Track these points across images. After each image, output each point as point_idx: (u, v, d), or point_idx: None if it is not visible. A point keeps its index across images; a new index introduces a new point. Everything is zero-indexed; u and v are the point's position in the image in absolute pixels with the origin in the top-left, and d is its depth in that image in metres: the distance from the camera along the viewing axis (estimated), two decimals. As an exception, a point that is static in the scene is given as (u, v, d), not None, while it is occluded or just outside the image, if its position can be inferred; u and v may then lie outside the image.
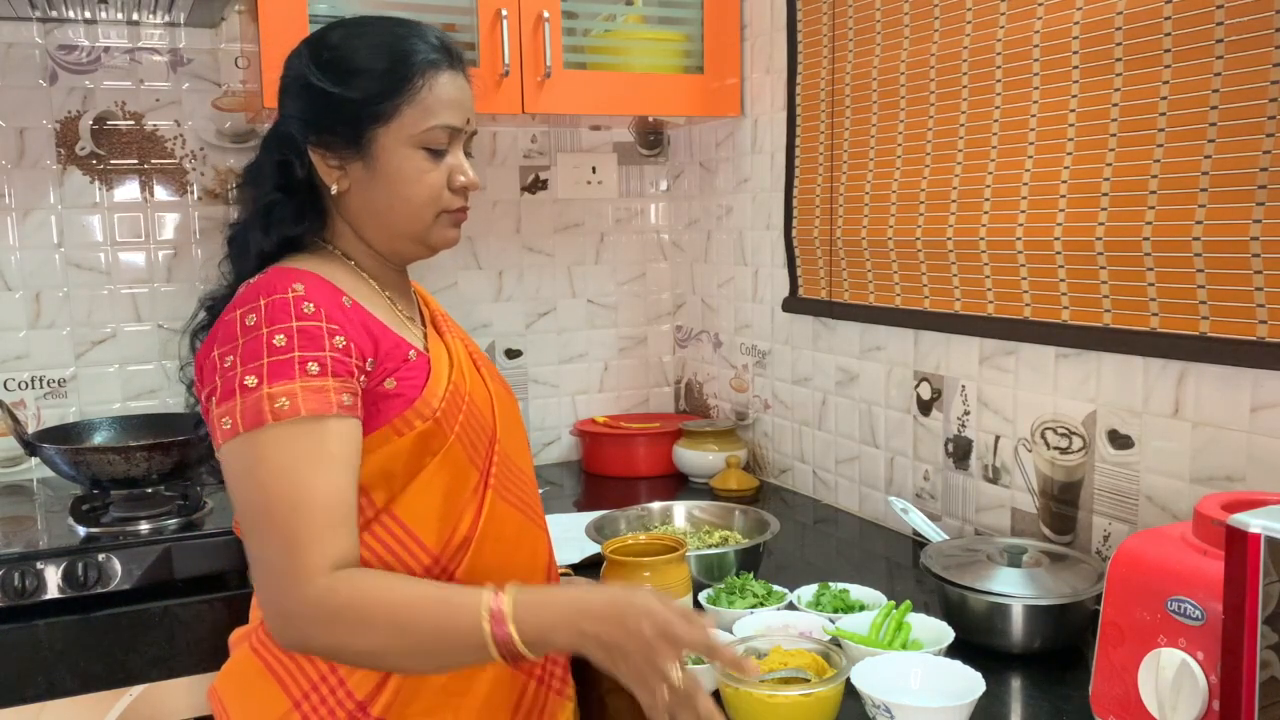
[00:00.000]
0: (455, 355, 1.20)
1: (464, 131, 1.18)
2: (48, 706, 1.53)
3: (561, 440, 2.45)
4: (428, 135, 1.14)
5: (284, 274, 1.10)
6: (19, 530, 1.74)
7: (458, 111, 1.16)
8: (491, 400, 1.21)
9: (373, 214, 1.17)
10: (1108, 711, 1.01)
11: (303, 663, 1.09)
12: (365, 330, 1.10)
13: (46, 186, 2.04)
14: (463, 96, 1.17)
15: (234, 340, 1.05)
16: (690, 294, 2.47)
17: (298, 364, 1.03)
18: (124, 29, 2.06)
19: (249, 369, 1.03)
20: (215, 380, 1.05)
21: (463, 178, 1.17)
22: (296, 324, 1.04)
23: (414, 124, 1.13)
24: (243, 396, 1.02)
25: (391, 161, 1.14)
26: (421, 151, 1.14)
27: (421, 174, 1.14)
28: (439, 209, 1.17)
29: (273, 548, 1.00)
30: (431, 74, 1.14)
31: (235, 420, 1.02)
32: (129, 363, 2.12)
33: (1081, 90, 1.39)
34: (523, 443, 1.27)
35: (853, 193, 1.83)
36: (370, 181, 1.15)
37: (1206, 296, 1.24)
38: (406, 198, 1.15)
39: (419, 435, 1.09)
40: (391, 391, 1.09)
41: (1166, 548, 0.98)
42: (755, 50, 2.12)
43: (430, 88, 1.13)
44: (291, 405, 1.01)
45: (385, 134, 1.13)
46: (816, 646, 1.14)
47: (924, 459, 1.75)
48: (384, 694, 1.08)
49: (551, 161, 2.40)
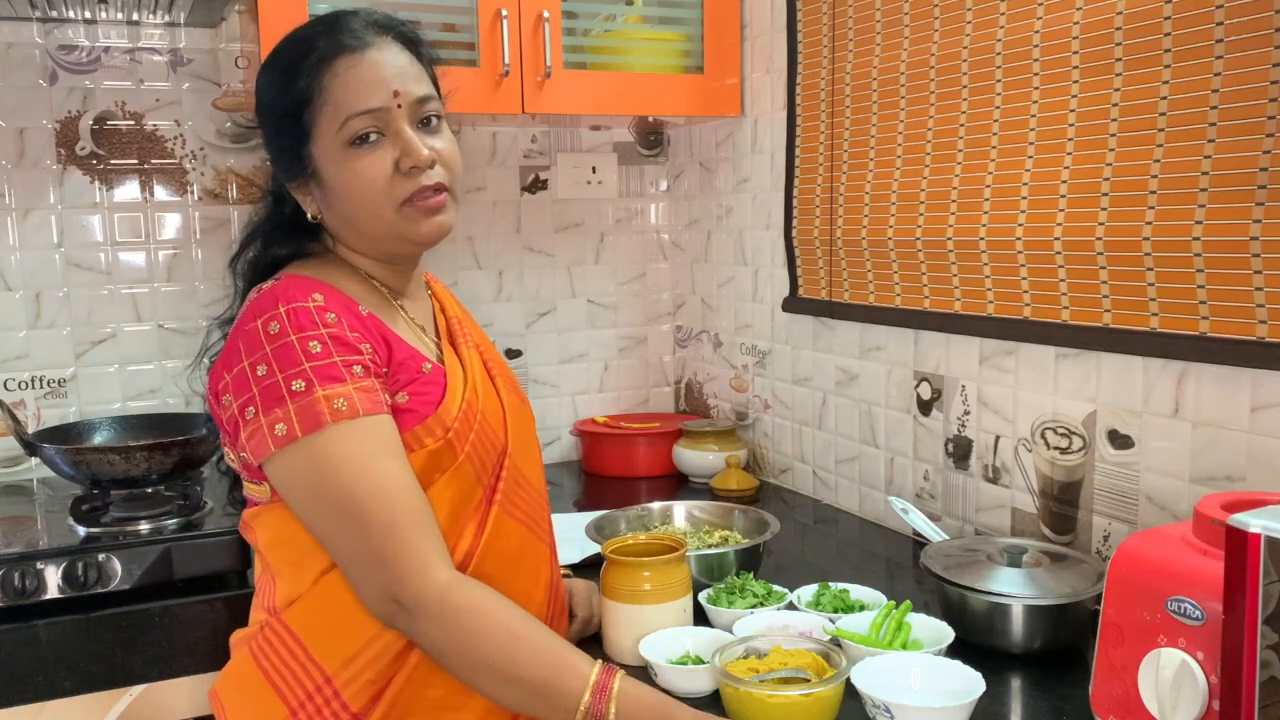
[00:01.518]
0: (469, 368, 1.18)
1: (392, 109, 1.08)
2: (47, 706, 1.53)
3: (561, 440, 2.45)
4: (346, 131, 1.07)
5: (301, 282, 1.09)
6: (19, 530, 1.74)
7: (373, 91, 1.07)
8: (504, 412, 1.20)
9: (346, 227, 1.15)
10: (1108, 711, 1.01)
11: (299, 673, 1.08)
12: (383, 340, 1.10)
13: (46, 186, 2.04)
14: (378, 72, 1.07)
15: (261, 349, 1.03)
16: (690, 294, 2.47)
17: (343, 367, 1.03)
18: (124, 29, 2.06)
19: (291, 375, 1.01)
20: (252, 390, 1.03)
21: (408, 159, 1.08)
22: (325, 331, 1.04)
23: (330, 126, 1.08)
24: (294, 401, 1.01)
25: (331, 173, 1.10)
26: (352, 150, 1.08)
27: (358, 174, 1.08)
28: (394, 200, 1.09)
29: (377, 538, 1.00)
30: (329, 66, 1.07)
31: (291, 425, 1.01)
32: (129, 363, 2.12)
33: (1081, 90, 1.39)
34: (534, 453, 1.26)
35: (853, 193, 1.83)
36: (328, 198, 1.13)
37: (1206, 296, 1.24)
38: (358, 203, 1.10)
39: (430, 453, 1.08)
40: (404, 406, 1.08)
41: (1166, 548, 0.98)
42: (755, 50, 2.12)
43: (332, 81, 1.07)
44: (350, 405, 1.01)
45: (315, 148, 1.10)
46: (816, 646, 1.14)
47: (924, 459, 1.75)
48: (379, 706, 1.07)
49: (551, 161, 2.40)
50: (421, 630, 1.02)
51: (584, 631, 1.36)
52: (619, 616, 1.28)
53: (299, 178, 1.14)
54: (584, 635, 1.36)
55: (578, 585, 1.42)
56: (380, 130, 1.08)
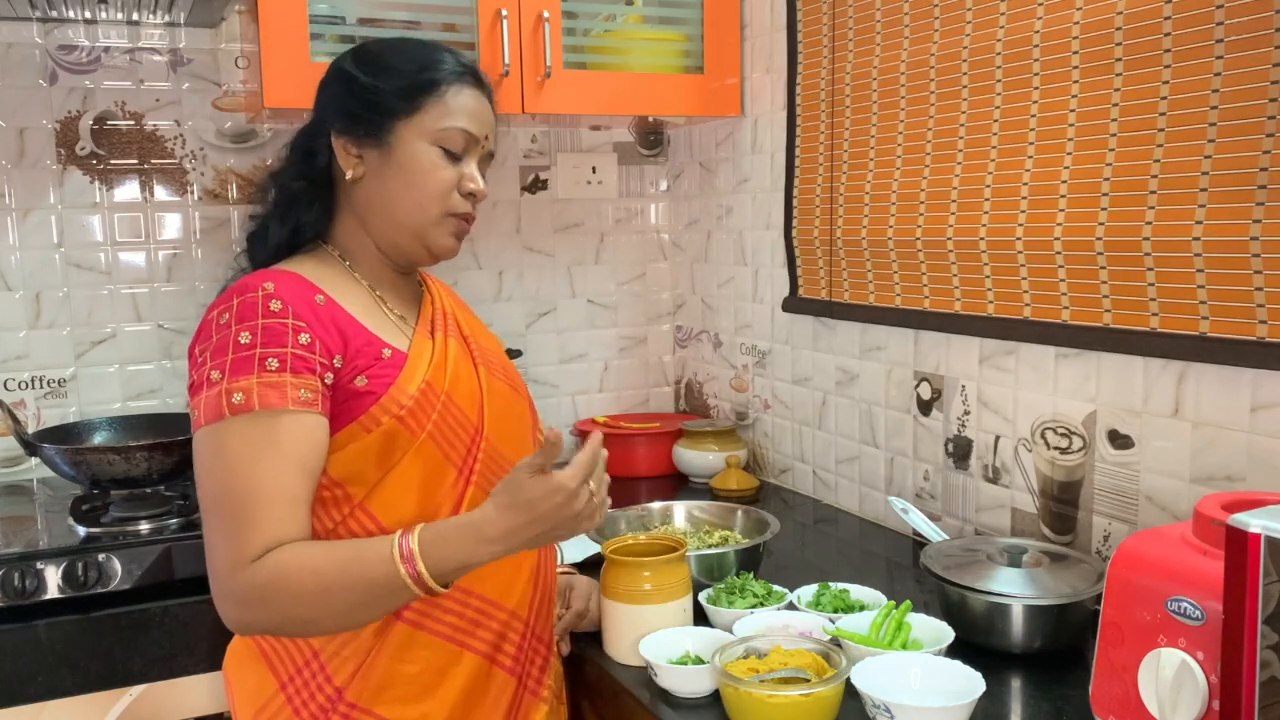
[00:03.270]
0: (441, 352, 1.21)
1: (480, 144, 1.22)
2: (48, 706, 1.53)
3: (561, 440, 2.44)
4: (445, 134, 1.19)
5: (260, 274, 1.14)
6: (19, 530, 1.74)
7: (477, 122, 1.21)
8: (481, 395, 1.22)
9: (381, 204, 1.20)
10: (1108, 711, 1.01)
11: (290, 647, 1.14)
12: (335, 328, 1.13)
13: (46, 186, 2.04)
14: (484, 111, 1.23)
15: (209, 337, 1.10)
16: (690, 294, 2.47)
17: (258, 360, 1.07)
18: (124, 29, 2.06)
19: (215, 364, 1.08)
20: (192, 374, 1.11)
21: (472, 184, 1.21)
22: (262, 321, 1.09)
23: (434, 121, 1.19)
24: (207, 390, 1.07)
25: (407, 152, 1.19)
26: (437, 149, 1.19)
27: (434, 168, 1.19)
28: (445, 209, 1.21)
29: (217, 535, 1.06)
30: (456, 83, 1.20)
31: (200, 412, 1.08)
32: (129, 363, 2.12)
33: (1081, 90, 1.39)
34: (521, 440, 1.27)
35: (853, 193, 1.83)
36: (383, 170, 1.20)
37: (1206, 296, 1.24)
38: (416, 188, 1.19)
39: (385, 432, 1.12)
40: (363, 389, 1.12)
41: (1166, 548, 0.98)
42: (755, 50, 2.12)
43: (453, 94, 1.20)
44: (246, 400, 1.06)
45: (406, 126, 1.19)
46: (816, 646, 1.14)
47: (924, 459, 1.75)
48: (358, 680, 1.12)
49: (551, 161, 2.40)
50: (244, 616, 1.06)
51: (576, 624, 1.37)
52: (619, 616, 1.28)
53: (367, 138, 1.19)
54: (577, 628, 1.37)
55: (579, 580, 1.43)
56: (461, 153, 1.21)
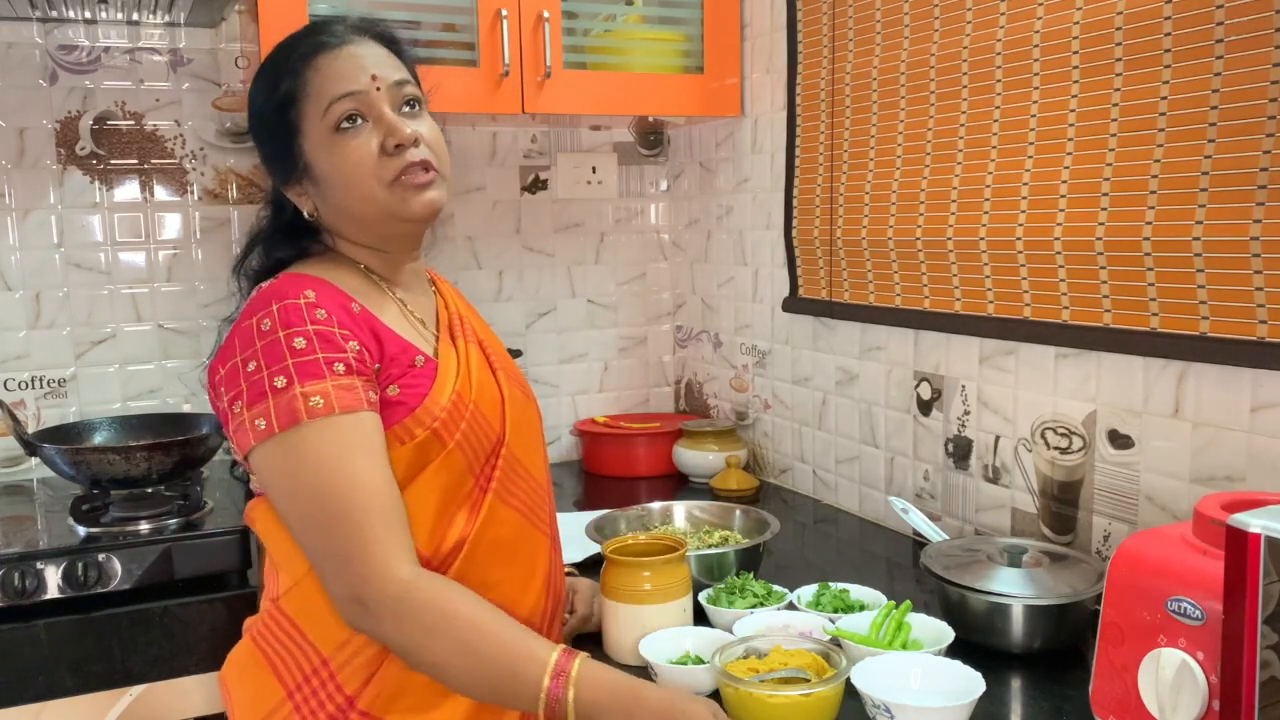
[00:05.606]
0: (465, 360, 1.20)
1: (371, 92, 1.13)
2: (48, 706, 1.53)
3: (562, 440, 2.45)
4: (330, 116, 1.12)
5: (296, 280, 1.12)
6: (19, 530, 1.74)
7: (352, 77, 1.13)
8: (502, 402, 1.21)
9: (341, 217, 1.18)
10: (1108, 711, 1.01)
11: (298, 655, 1.11)
12: (373, 335, 1.11)
13: (46, 186, 2.04)
14: (355, 62, 1.14)
15: (252, 345, 1.07)
16: (690, 294, 2.47)
17: (324, 364, 1.05)
18: (124, 29, 2.06)
19: (275, 371, 1.05)
20: (241, 385, 1.07)
21: (392, 136, 1.13)
22: (312, 328, 1.07)
23: (316, 116, 1.13)
24: (274, 397, 1.04)
25: (322, 161, 1.14)
26: (338, 135, 1.12)
27: (346, 156, 1.13)
28: (385, 178, 1.13)
29: (342, 537, 1.02)
30: (309, 62, 1.13)
31: (270, 420, 1.04)
32: (129, 363, 2.12)
33: (1081, 90, 1.39)
34: (535, 445, 1.27)
35: (853, 193, 1.83)
36: (323, 188, 1.17)
37: (1206, 296, 1.24)
38: (350, 183, 1.13)
39: (419, 444, 1.10)
40: (395, 399, 1.10)
41: (1166, 548, 0.98)
42: (755, 50, 2.12)
43: (314, 75, 1.13)
44: (326, 403, 1.03)
45: (305, 141, 1.15)
46: (816, 646, 1.14)
47: (924, 459, 1.75)
48: (370, 688, 1.09)
49: (551, 161, 2.40)
50: (383, 630, 1.04)
51: (581, 628, 1.36)
52: (619, 616, 1.28)
53: (293, 177, 1.18)
54: (582, 632, 1.37)
55: (581, 583, 1.43)
56: (363, 114, 1.13)
